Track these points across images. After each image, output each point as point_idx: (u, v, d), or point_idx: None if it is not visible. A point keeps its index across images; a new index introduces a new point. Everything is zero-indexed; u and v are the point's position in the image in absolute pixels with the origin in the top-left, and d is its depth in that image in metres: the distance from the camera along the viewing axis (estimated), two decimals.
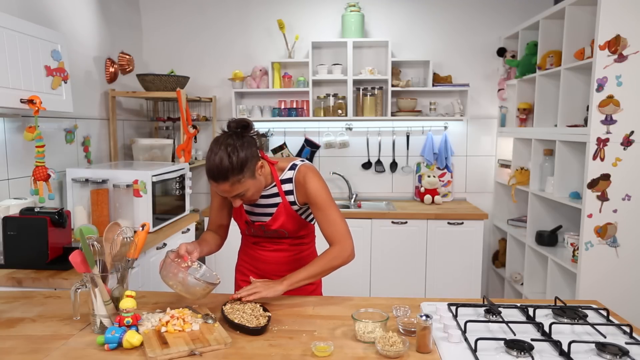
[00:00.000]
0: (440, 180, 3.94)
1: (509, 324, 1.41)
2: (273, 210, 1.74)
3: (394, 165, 4.01)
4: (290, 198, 1.73)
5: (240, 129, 1.60)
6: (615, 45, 2.45)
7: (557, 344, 1.28)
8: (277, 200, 1.74)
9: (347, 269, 3.68)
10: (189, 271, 1.52)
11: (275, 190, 1.74)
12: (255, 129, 1.66)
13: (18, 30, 2.09)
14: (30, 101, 2.12)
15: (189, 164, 3.28)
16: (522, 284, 3.47)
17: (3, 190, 2.30)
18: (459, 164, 4.02)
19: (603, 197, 2.57)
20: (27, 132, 2.19)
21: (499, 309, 1.52)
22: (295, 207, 1.75)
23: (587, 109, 2.71)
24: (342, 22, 3.76)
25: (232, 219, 1.88)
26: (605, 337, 1.35)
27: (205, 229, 2.31)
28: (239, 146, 1.54)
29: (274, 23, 3.83)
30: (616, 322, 1.47)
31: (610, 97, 2.49)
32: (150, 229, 2.54)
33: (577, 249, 2.71)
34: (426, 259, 3.55)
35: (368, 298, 1.78)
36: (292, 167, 1.74)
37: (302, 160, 1.77)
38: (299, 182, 1.72)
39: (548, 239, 3.13)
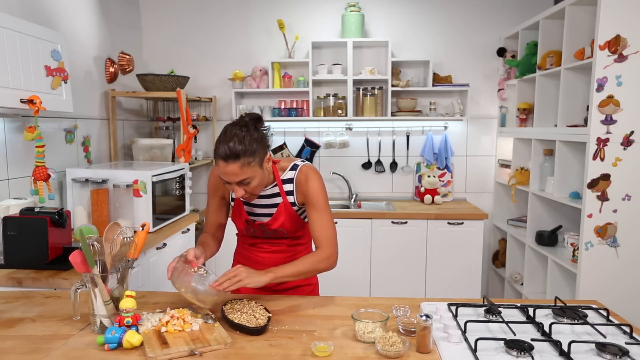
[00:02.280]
0: (440, 180, 3.94)
1: (509, 324, 1.41)
2: (273, 210, 1.74)
3: (394, 165, 4.01)
4: (291, 198, 1.74)
5: (253, 121, 1.61)
6: (615, 45, 2.45)
7: (557, 344, 1.28)
8: (278, 200, 1.74)
9: (347, 269, 3.67)
10: (198, 277, 1.52)
11: (276, 190, 1.74)
12: (266, 126, 1.66)
13: (18, 30, 2.09)
14: (30, 101, 2.12)
15: (189, 164, 3.28)
16: (522, 284, 3.46)
17: (3, 190, 2.30)
18: (459, 164, 4.02)
19: (603, 197, 2.57)
20: (27, 132, 2.19)
21: (499, 309, 1.52)
22: (295, 208, 1.75)
23: (587, 109, 2.71)
24: (342, 22, 3.76)
25: (230, 219, 1.87)
26: (605, 337, 1.35)
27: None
28: (253, 131, 1.56)
29: (273, 23, 3.83)
30: (616, 322, 1.47)
31: (610, 97, 2.49)
32: (150, 229, 2.54)
33: (577, 249, 2.71)
34: (426, 259, 3.55)
35: (368, 298, 1.78)
36: (294, 168, 1.75)
37: (303, 161, 1.78)
38: (299, 182, 1.72)
39: (548, 239, 3.12)
